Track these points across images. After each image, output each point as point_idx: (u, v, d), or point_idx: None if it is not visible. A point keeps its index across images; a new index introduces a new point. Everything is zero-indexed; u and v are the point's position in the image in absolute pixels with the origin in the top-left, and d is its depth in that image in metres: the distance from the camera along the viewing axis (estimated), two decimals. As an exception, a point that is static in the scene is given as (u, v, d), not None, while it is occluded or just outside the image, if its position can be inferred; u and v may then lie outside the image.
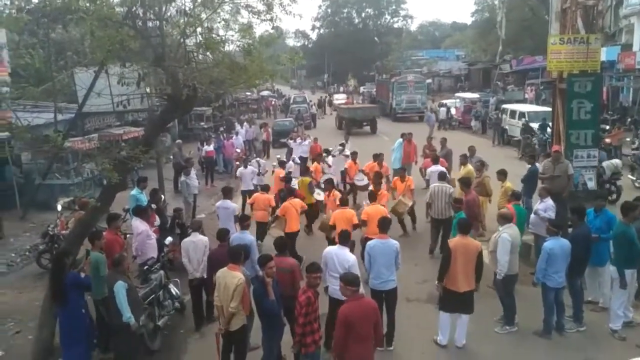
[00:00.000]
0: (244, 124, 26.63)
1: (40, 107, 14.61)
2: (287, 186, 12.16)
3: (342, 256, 7.15)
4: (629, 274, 7.52)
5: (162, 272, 8.63)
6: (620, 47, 29.61)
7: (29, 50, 21.52)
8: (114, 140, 17.16)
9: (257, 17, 7.70)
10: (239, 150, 21.15)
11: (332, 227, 9.38)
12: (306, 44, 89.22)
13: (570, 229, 8.66)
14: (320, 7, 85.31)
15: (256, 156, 16.18)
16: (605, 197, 8.64)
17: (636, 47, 28.15)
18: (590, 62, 10.16)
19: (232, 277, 6.41)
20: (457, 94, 39.80)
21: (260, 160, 16.52)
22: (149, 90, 8.76)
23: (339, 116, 35.48)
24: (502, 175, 11.22)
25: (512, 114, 24.94)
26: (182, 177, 14.49)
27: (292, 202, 10.67)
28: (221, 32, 8.07)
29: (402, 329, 7.72)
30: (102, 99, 9.93)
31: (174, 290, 8.79)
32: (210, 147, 19.77)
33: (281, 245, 7.27)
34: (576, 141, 10.32)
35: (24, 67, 21.55)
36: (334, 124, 36.10)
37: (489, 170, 12.14)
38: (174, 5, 7.76)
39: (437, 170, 12.39)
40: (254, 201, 11.80)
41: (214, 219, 12.26)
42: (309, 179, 12.95)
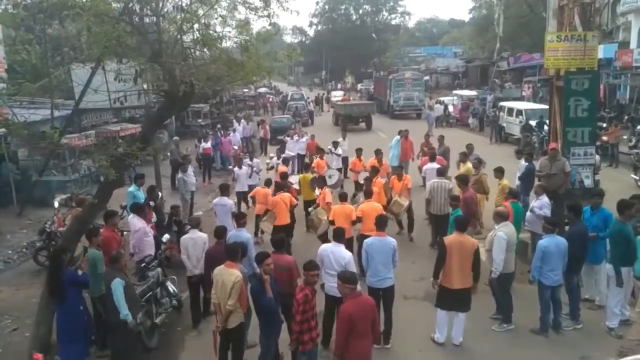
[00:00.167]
0: (242, 120, 26.61)
1: (37, 103, 14.59)
2: (278, 182, 12.14)
3: (338, 253, 7.16)
4: (625, 272, 7.53)
5: (159, 269, 8.61)
6: (617, 45, 29.63)
7: (26, 46, 21.40)
8: (111, 136, 17.17)
9: (255, 14, 7.74)
10: (236, 147, 21.13)
11: (331, 222, 9.43)
12: (304, 40, 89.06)
13: (567, 226, 8.68)
14: (317, 3, 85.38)
15: (250, 155, 15.92)
16: (602, 194, 8.62)
17: (633, 44, 28.19)
18: (587, 59, 10.17)
19: (229, 274, 6.40)
20: (455, 91, 39.78)
21: (256, 161, 16.07)
22: (146, 86, 8.75)
23: (336, 113, 35.72)
24: (499, 172, 11.22)
25: (510, 111, 24.94)
26: (180, 174, 14.44)
27: (281, 196, 10.80)
28: (218, 29, 8.11)
29: (400, 326, 7.73)
30: (99, 95, 9.91)
31: (171, 287, 8.78)
32: (207, 144, 19.73)
33: (279, 242, 7.28)
34: (573, 139, 10.34)
35: (21, 63, 21.44)
36: (331, 121, 36.10)
37: (486, 167, 12.15)
38: (170, 1, 7.77)
39: (433, 167, 12.39)
40: (254, 194, 12.07)
41: (212, 216, 12.27)
42: (311, 175, 12.98)
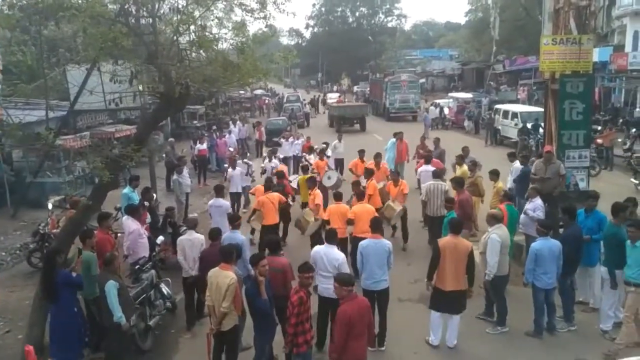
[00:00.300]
0: (237, 122, 26.59)
1: (31, 104, 14.52)
2: (268, 181, 12.14)
3: (331, 255, 7.17)
4: (619, 275, 7.53)
5: (153, 271, 8.58)
6: (612, 48, 29.81)
7: (21, 47, 21.37)
8: (106, 138, 17.08)
9: (251, 15, 7.70)
10: (232, 149, 21.09)
11: (327, 222, 9.43)
12: (300, 42, 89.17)
13: (561, 229, 8.70)
14: (314, 5, 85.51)
15: (245, 157, 15.85)
16: (596, 197, 8.64)
17: (628, 48, 28.36)
18: (582, 62, 10.22)
19: (224, 276, 6.38)
20: (451, 94, 39.88)
21: (248, 162, 16.22)
22: (141, 88, 8.71)
23: (330, 114, 35.97)
24: (494, 175, 11.24)
25: (505, 114, 25.02)
26: (175, 176, 14.42)
27: (268, 195, 10.82)
28: (214, 30, 8.08)
29: (394, 329, 7.72)
30: (94, 96, 9.87)
31: (166, 289, 8.75)
32: (203, 146, 19.65)
33: (273, 244, 7.27)
34: (568, 142, 10.37)
35: (16, 64, 21.40)
36: (327, 123, 36.19)
37: (481, 170, 12.17)
38: (167, 2, 7.74)
39: (428, 170, 12.39)
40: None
41: (207, 217, 12.23)
42: (308, 176, 12.99)
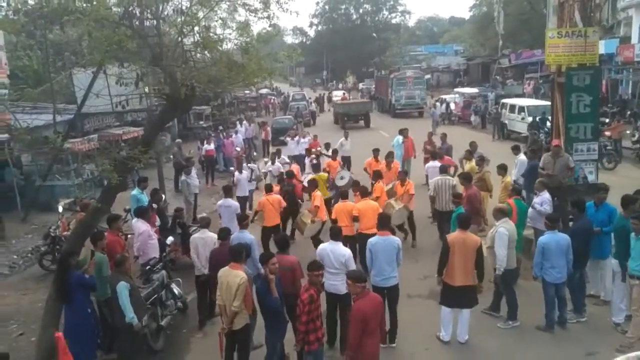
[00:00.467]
0: (244, 122, 26.66)
1: (39, 108, 14.57)
2: (266, 185, 11.92)
3: (337, 251, 7.18)
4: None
5: (164, 272, 8.63)
6: (618, 40, 29.56)
7: (27, 51, 21.52)
8: (113, 140, 17.17)
9: (254, 15, 7.72)
10: (238, 148, 21.13)
11: (334, 220, 9.47)
12: (304, 41, 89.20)
13: (571, 222, 8.66)
14: (317, 3, 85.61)
15: (247, 160, 15.54)
16: (606, 189, 8.58)
17: (634, 39, 28.10)
18: (588, 55, 10.15)
19: (234, 276, 6.40)
20: (456, 89, 39.69)
21: (252, 166, 15.54)
22: (147, 90, 8.76)
23: (335, 111, 36.36)
24: (502, 170, 11.19)
25: (512, 108, 24.89)
26: (183, 177, 14.48)
27: (269, 197, 10.81)
28: (218, 31, 8.11)
29: (404, 325, 7.71)
30: (100, 99, 9.97)
31: (176, 290, 8.81)
32: (210, 146, 19.71)
33: (282, 243, 7.29)
34: (576, 135, 10.31)
35: (22, 69, 21.57)
36: (332, 120, 36.31)
37: (489, 165, 12.12)
38: (170, 4, 7.78)
39: (435, 166, 12.37)
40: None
41: (216, 217, 12.26)
42: (325, 175, 13.03)
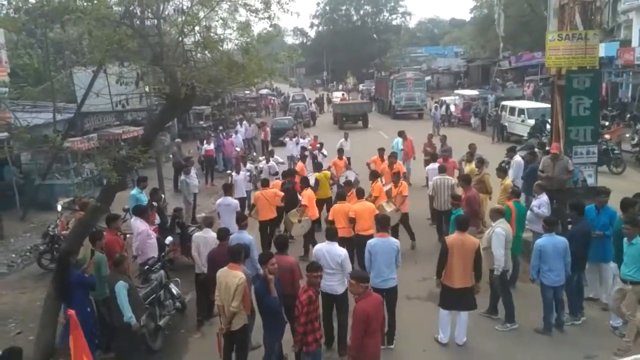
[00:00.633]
0: (244, 122, 26.67)
1: (39, 107, 14.60)
2: (263, 180, 12.16)
3: (333, 251, 7.19)
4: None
5: (162, 271, 8.63)
6: (619, 43, 29.59)
7: (27, 50, 21.53)
8: (113, 139, 17.18)
9: (255, 15, 7.71)
10: (238, 148, 21.14)
11: (331, 222, 9.47)
12: (305, 41, 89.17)
13: (570, 225, 8.65)
14: (318, 4, 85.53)
15: (244, 161, 15.30)
16: (608, 193, 8.55)
17: (635, 42, 28.13)
18: (588, 58, 10.17)
19: (233, 276, 6.40)
20: (456, 91, 39.74)
21: (251, 166, 15.26)
22: (147, 89, 8.75)
23: (335, 112, 36.73)
24: (502, 172, 11.18)
25: (512, 110, 24.90)
26: (182, 176, 14.47)
27: (263, 192, 10.99)
28: (219, 31, 8.11)
29: (403, 326, 7.71)
30: (100, 98, 9.94)
31: (175, 290, 8.79)
32: (210, 146, 19.72)
33: (281, 243, 7.28)
34: (575, 137, 10.33)
35: (23, 67, 21.57)
36: (332, 121, 36.60)
37: (488, 167, 12.11)
38: (171, 3, 7.77)
39: (435, 168, 12.38)
40: (273, 186, 12.13)
41: (215, 217, 12.25)
42: (328, 173, 13.11)
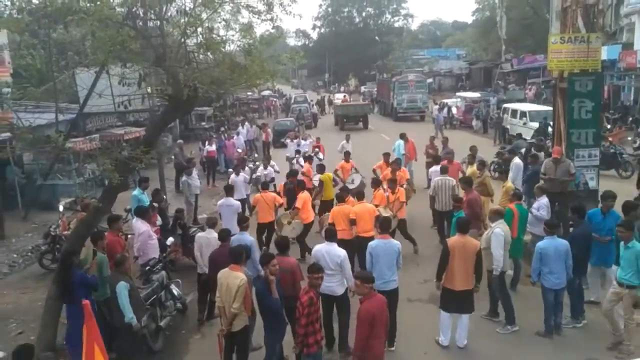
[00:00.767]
0: (245, 123, 26.68)
1: (41, 107, 14.60)
2: (263, 184, 12.15)
3: (332, 252, 7.20)
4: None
5: (163, 272, 8.63)
6: (621, 46, 29.56)
7: (30, 50, 21.54)
8: (115, 140, 17.19)
9: (258, 17, 7.71)
10: (240, 150, 21.16)
11: (331, 224, 9.45)
12: (307, 43, 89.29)
13: (571, 228, 8.64)
14: (320, 6, 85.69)
15: (242, 164, 15.16)
16: (614, 197, 8.50)
17: (637, 45, 28.09)
18: (591, 61, 10.16)
19: (234, 277, 6.40)
20: (458, 93, 39.64)
21: (251, 172, 14.96)
22: (150, 90, 8.75)
23: (336, 113, 37.17)
24: (503, 174, 11.19)
25: (514, 113, 24.88)
26: (184, 177, 14.49)
27: (263, 195, 11.15)
28: (222, 32, 8.11)
29: (404, 329, 7.71)
30: (103, 99, 9.99)
31: (176, 290, 8.80)
32: (211, 147, 19.73)
33: (282, 245, 7.28)
34: (577, 140, 10.31)
35: (25, 68, 21.58)
36: (333, 123, 36.74)
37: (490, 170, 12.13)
38: (174, 5, 7.77)
39: (437, 170, 12.38)
40: (280, 189, 12.54)
41: (218, 218, 12.26)
42: (331, 175, 13.19)
